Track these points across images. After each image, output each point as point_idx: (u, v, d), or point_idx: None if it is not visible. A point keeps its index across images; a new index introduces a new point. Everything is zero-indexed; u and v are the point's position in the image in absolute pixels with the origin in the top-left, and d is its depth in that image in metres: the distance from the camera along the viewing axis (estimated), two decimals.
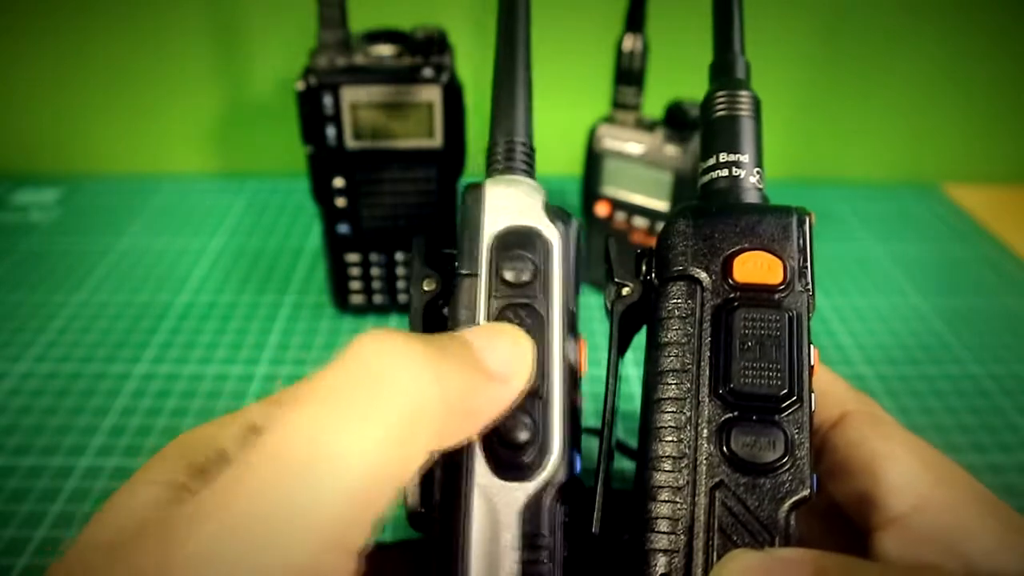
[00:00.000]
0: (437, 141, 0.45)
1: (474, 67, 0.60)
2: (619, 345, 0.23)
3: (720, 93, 0.24)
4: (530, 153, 0.24)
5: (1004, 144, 0.74)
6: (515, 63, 0.25)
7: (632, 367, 0.45)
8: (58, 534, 0.35)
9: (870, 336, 0.51)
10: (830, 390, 0.24)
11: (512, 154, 0.23)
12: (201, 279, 0.55)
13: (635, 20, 0.50)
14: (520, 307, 0.20)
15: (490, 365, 0.18)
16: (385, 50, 0.44)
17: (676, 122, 0.49)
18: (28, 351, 0.47)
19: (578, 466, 0.20)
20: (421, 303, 0.22)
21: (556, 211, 0.22)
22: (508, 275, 0.21)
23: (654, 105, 0.52)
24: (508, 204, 0.22)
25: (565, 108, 0.64)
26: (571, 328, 0.21)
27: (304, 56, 0.44)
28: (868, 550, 0.21)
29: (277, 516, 0.14)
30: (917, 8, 0.66)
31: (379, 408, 0.15)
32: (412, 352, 0.16)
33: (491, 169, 0.24)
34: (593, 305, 0.52)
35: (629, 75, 0.50)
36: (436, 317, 0.23)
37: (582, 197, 0.54)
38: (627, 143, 0.50)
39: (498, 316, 0.20)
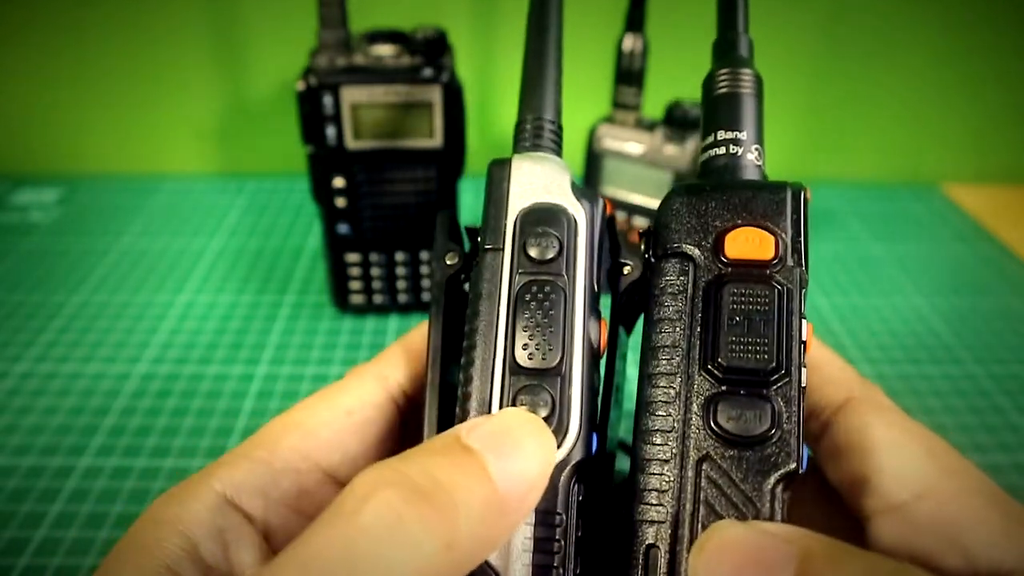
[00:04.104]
0: (437, 141, 0.45)
1: (474, 67, 0.61)
2: (620, 321, 0.23)
3: (722, 71, 0.24)
4: (557, 131, 0.24)
5: (1004, 144, 0.74)
6: (546, 42, 0.25)
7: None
8: (58, 534, 0.35)
9: (870, 336, 0.51)
10: (839, 375, 0.24)
11: (540, 132, 0.24)
12: (201, 279, 0.55)
13: (635, 20, 0.50)
14: (544, 283, 0.21)
15: (504, 489, 0.16)
16: (385, 50, 0.44)
17: (676, 122, 0.49)
18: (28, 351, 0.47)
19: (595, 446, 0.20)
20: (443, 276, 0.23)
21: (583, 190, 0.22)
22: (533, 251, 0.21)
23: (654, 105, 0.52)
24: (535, 181, 0.22)
25: (565, 108, 0.64)
26: (593, 308, 0.21)
27: (304, 56, 0.44)
28: (864, 537, 0.21)
29: None
30: (917, 8, 0.66)
31: None
32: (418, 520, 0.15)
33: (519, 146, 0.24)
34: None
35: (629, 75, 0.50)
36: (457, 291, 0.23)
37: None
38: (627, 143, 0.50)
39: (521, 291, 0.21)
